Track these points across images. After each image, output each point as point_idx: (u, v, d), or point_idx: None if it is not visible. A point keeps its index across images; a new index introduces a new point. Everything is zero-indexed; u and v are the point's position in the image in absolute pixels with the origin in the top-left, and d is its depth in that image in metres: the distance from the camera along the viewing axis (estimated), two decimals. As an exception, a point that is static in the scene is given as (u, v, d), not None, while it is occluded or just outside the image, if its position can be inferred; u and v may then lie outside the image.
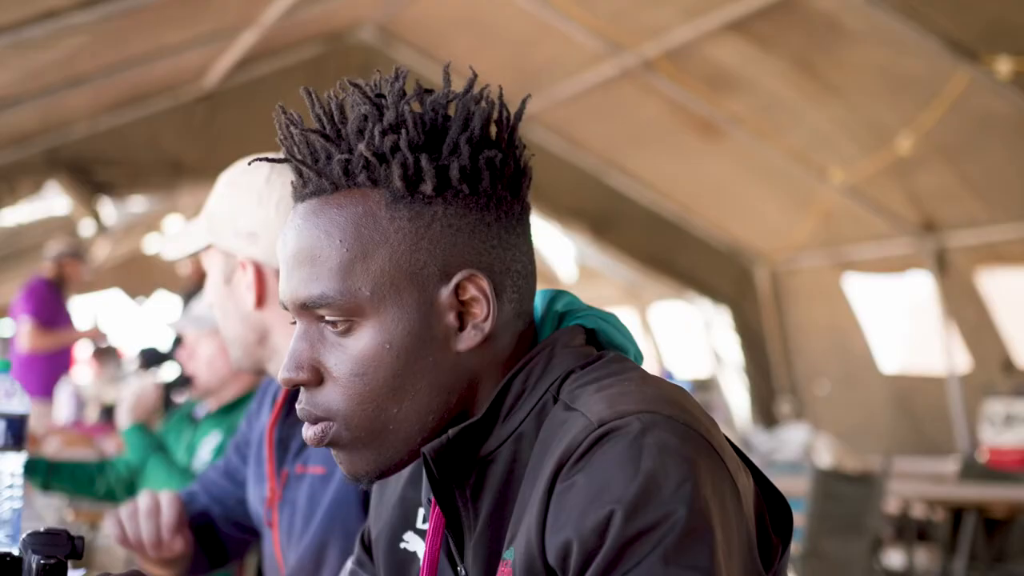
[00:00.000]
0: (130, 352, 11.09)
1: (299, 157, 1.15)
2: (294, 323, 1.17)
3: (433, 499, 1.15)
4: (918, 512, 6.22)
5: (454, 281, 1.12)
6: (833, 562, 4.90)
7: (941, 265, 8.32)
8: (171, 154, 8.63)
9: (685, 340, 12.26)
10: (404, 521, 1.26)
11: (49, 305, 7.60)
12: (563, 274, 12.63)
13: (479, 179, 1.12)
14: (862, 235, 8.95)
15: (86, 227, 9.46)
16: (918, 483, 6.27)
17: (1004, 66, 6.34)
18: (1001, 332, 8.18)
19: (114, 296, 15.34)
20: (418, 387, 1.12)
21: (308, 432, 1.15)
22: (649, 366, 1.17)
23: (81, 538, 1.09)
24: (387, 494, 1.30)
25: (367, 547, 1.35)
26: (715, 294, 10.61)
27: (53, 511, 4.49)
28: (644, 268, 10.61)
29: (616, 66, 8.17)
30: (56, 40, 6.17)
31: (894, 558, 6.38)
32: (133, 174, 8.71)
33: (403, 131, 1.11)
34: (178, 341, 3.78)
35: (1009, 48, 6.35)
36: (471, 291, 1.12)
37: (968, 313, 8.33)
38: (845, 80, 7.49)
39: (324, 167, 1.13)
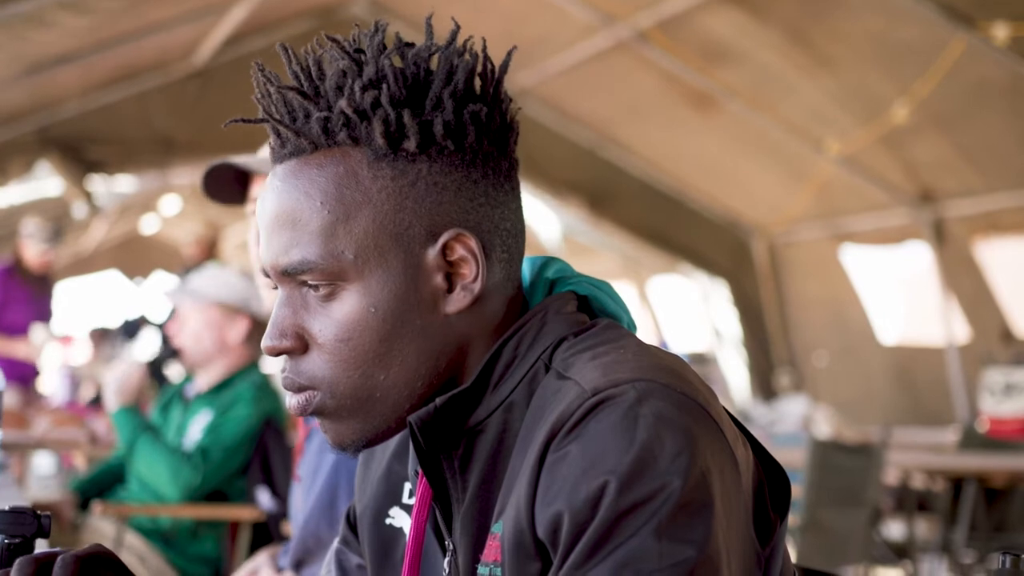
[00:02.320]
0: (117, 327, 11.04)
1: (276, 116, 1.10)
2: (275, 288, 1.13)
3: (420, 470, 1.11)
4: (918, 483, 6.20)
5: (441, 241, 1.08)
6: (832, 533, 4.88)
7: (939, 235, 8.29)
8: (163, 132, 8.59)
9: (683, 314, 12.24)
10: (390, 496, 1.22)
11: None
12: (558, 249, 12.61)
13: (464, 134, 1.08)
14: (859, 206, 8.92)
15: (79, 207, 9.42)
16: (918, 453, 6.26)
17: (1001, 32, 6.29)
18: (999, 302, 8.16)
19: (112, 277, 15.38)
20: (406, 352, 1.08)
21: (292, 401, 1.11)
22: (647, 340, 1.13)
23: (48, 516, 1.06)
24: (372, 469, 1.26)
25: (352, 525, 1.31)
26: (712, 267, 10.58)
27: (53, 492, 4.47)
28: (641, 242, 10.58)
29: (609, 38, 8.11)
30: (45, 17, 6.11)
31: (894, 529, 6.36)
32: (125, 152, 8.66)
33: (384, 86, 1.07)
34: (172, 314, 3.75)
35: (1006, 13, 6.30)
36: (459, 251, 1.08)
37: (966, 283, 8.30)
38: (840, 50, 7.44)
39: (302, 126, 1.09)
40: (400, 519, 1.21)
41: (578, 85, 9.12)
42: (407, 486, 1.21)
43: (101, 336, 11.49)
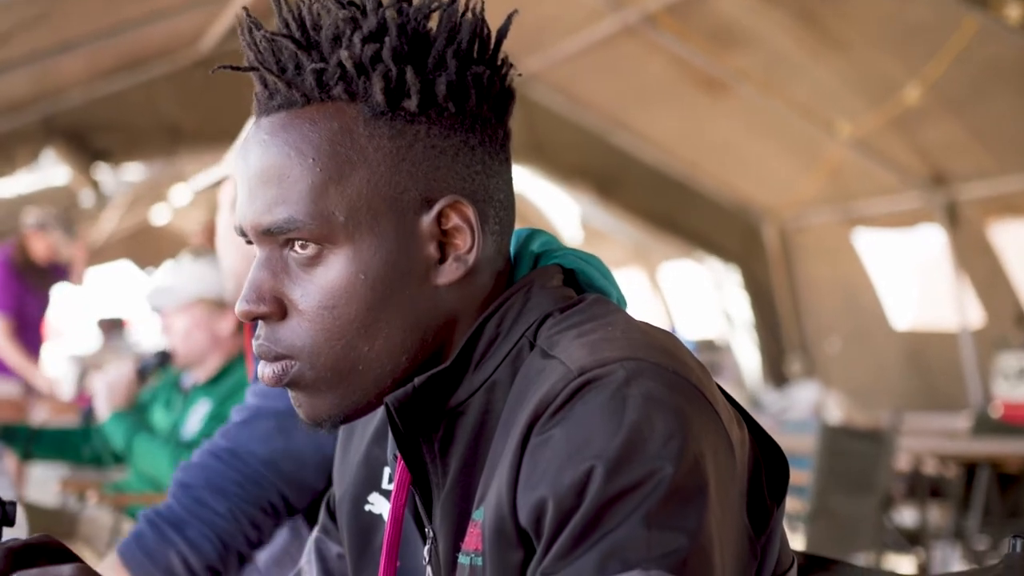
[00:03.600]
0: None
1: (266, 65, 1.04)
2: (250, 243, 1.06)
3: (398, 454, 1.05)
4: (930, 468, 6.15)
5: (436, 208, 1.02)
6: (843, 520, 4.83)
7: (952, 218, 8.22)
8: (169, 120, 8.56)
9: (695, 300, 12.19)
10: (369, 482, 1.16)
11: None
12: (569, 235, 12.56)
13: (466, 97, 1.03)
14: (871, 190, 8.85)
15: (86, 196, 9.41)
16: (930, 439, 6.21)
17: (1014, 11, 6.22)
18: (1014, 285, 8.10)
19: (124, 267, 15.47)
20: (392, 323, 1.02)
21: (266, 371, 1.04)
22: (659, 325, 1.06)
23: (13, 504, 1.02)
24: (351, 453, 1.20)
25: (332, 513, 1.25)
26: (724, 253, 10.53)
27: (52, 483, 4.44)
28: (651, 228, 10.53)
29: (618, 22, 8.05)
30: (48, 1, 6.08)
31: (906, 515, 6.31)
32: (131, 141, 8.64)
33: (386, 39, 1.01)
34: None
35: (1019, -8, 6.23)
36: (454, 219, 1.02)
37: (980, 266, 8.24)
38: (850, 31, 7.37)
39: (294, 77, 1.03)
40: (380, 505, 1.15)
41: (586, 70, 9.07)
42: (387, 471, 1.16)
43: (110, 326, 11.52)
